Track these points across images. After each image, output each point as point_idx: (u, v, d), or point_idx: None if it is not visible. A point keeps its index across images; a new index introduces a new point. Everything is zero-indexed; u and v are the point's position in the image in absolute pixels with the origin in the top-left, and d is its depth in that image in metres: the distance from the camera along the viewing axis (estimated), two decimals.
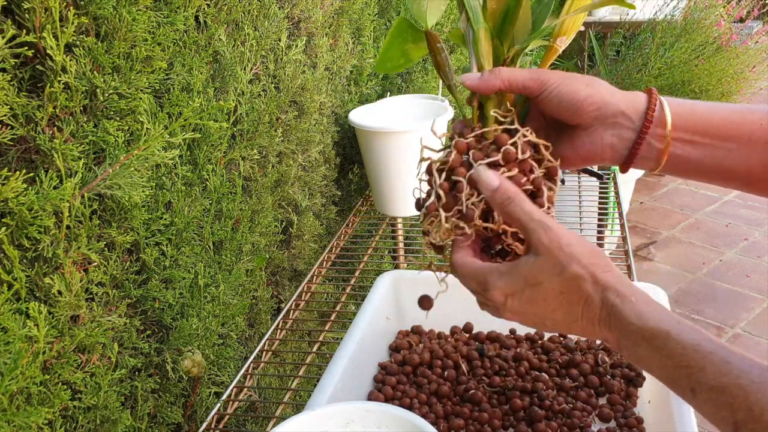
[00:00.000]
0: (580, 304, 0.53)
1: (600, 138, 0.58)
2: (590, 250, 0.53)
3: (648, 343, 0.50)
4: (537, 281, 0.53)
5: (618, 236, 1.36)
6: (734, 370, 0.46)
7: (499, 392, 0.84)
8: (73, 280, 0.74)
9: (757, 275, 2.69)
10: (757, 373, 0.46)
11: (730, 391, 0.46)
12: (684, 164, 0.58)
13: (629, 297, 0.51)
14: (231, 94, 1.04)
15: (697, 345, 0.48)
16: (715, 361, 0.47)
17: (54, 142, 0.70)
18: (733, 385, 0.46)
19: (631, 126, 0.57)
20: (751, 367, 0.46)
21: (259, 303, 1.20)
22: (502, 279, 0.54)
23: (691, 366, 0.48)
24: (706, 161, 0.57)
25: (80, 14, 0.72)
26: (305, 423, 0.66)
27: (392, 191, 1.41)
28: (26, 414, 0.66)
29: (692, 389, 0.48)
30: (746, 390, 0.45)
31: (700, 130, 0.57)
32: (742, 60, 2.76)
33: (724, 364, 0.47)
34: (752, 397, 0.45)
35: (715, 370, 0.47)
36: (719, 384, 0.46)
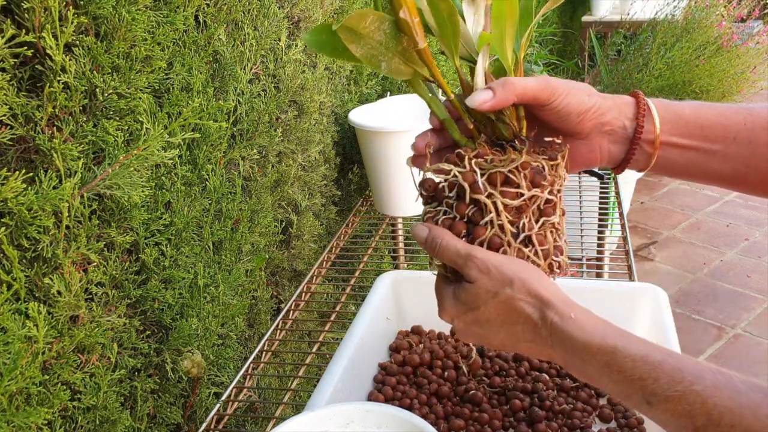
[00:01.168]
0: (519, 324, 0.53)
1: (598, 146, 0.59)
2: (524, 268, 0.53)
3: (596, 360, 0.49)
4: (475, 306, 0.54)
5: (618, 236, 1.36)
6: (687, 377, 0.46)
7: (499, 392, 0.84)
8: (72, 281, 0.74)
9: (758, 275, 2.69)
10: (710, 377, 0.45)
11: (686, 399, 0.45)
12: (672, 165, 0.59)
13: (568, 314, 0.51)
14: (231, 93, 1.04)
15: (645, 356, 0.48)
16: (667, 370, 0.46)
17: (53, 142, 0.70)
18: (689, 392, 0.45)
19: (625, 133, 0.59)
20: (703, 372, 0.46)
21: (259, 303, 1.19)
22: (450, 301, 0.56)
23: (643, 378, 0.47)
24: (694, 161, 0.59)
25: (80, 14, 0.72)
26: (305, 423, 0.66)
27: (392, 191, 1.41)
28: (26, 414, 0.66)
29: (648, 401, 0.47)
30: (702, 395, 0.45)
31: (686, 133, 0.58)
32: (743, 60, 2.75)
33: (677, 372, 0.46)
34: (709, 401, 0.44)
35: (669, 378, 0.46)
36: (674, 393, 0.46)
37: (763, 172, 0.57)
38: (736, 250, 2.88)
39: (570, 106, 0.57)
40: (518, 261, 0.54)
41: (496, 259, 0.53)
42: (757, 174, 0.57)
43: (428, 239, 0.56)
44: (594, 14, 3.79)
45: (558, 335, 0.51)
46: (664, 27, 2.79)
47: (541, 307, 0.52)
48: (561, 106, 0.57)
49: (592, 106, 0.57)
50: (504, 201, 0.54)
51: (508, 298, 0.52)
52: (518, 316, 0.53)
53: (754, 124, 0.57)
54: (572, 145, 0.59)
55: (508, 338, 0.54)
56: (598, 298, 0.91)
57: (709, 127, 0.58)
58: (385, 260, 1.62)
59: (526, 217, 0.55)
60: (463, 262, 0.54)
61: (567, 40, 4.25)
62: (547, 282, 0.53)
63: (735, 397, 0.44)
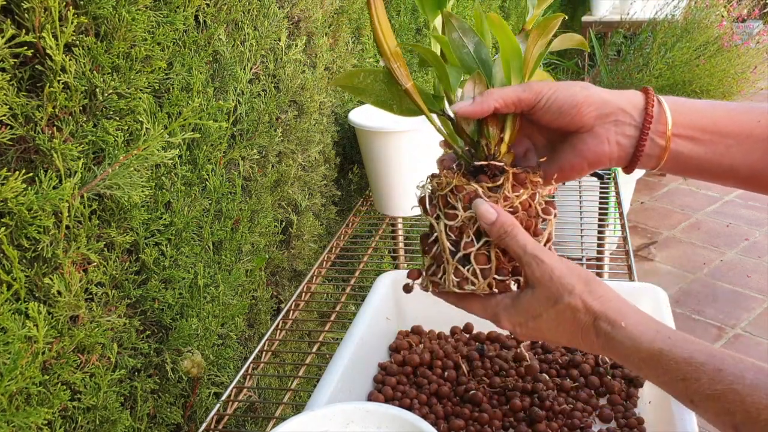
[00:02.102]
0: (578, 333, 0.56)
1: (606, 138, 0.58)
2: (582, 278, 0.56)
3: (645, 364, 0.53)
4: (537, 313, 0.57)
5: (619, 236, 1.36)
6: (728, 377, 0.48)
7: (499, 393, 0.84)
8: (72, 281, 0.74)
9: (758, 275, 2.69)
10: (750, 376, 0.48)
11: (726, 397, 0.48)
12: (685, 161, 0.58)
13: (619, 323, 0.54)
14: (231, 93, 1.04)
15: (689, 358, 0.50)
16: (708, 370, 0.49)
17: (53, 142, 0.70)
18: (729, 391, 0.48)
19: (633, 123, 0.57)
20: (743, 371, 0.48)
21: (259, 303, 1.19)
22: (507, 312, 0.58)
23: (686, 378, 0.50)
24: (707, 157, 0.57)
25: (80, 14, 0.72)
26: (305, 423, 0.66)
27: (392, 191, 1.41)
28: (25, 414, 0.66)
29: (691, 400, 0.50)
30: (741, 394, 0.47)
31: (699, 127, 0.57)
32: (743, 60, 2.75)
33: (717, 372, 0.49)
34: (748, 399, 0.47)
35: (709, 379, 0.49)
36: (715, 392, 0.48)
37: None
38: (736, 250, 2.88)
39: (559, 99, 0.57)
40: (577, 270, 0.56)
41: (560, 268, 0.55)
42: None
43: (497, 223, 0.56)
44: (594, 14, 3.79)
45: (611, 344, 0.54)
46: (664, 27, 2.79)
47: (594, 318, 0.55)
48: (550, 103, 0.57)
49: (587, 97, 0.57)
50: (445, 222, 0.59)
51: (566, 308, 0.55)
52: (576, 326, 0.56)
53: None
54: (579, 140, 0.58)
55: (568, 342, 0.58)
56: None
57: (722, 122, 0.57)
58: (385, 260, 1.62)
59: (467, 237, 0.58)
60: (528, 260, 0.56)
61: None
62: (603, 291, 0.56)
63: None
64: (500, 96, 0.57)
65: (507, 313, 0.58)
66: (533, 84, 0.58)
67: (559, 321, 0.56)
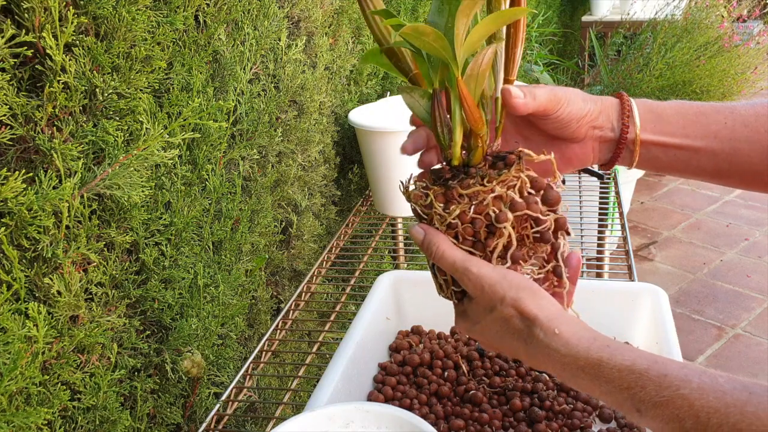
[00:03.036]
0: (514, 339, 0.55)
1: (591, 148, 0.62)
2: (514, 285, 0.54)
3: (584, 373, 0.50)
4: (477, 320, 0.56)
5: (618, 236, 1.36)
6: (674, 381, 0.46)
7: (499, 393, 0.84)
8: (72, 281, 0.74)
9: (758, 275, 2.69)
10: (696, 380, 0.46)
11: (674, 403, 0.46)
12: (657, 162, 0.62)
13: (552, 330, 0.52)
14: (231, 93, 1.04)
15: (631, 365, 0.48)
16: (653, 377, 0.47)
17: (53, 142, 0.70)
18: (676, 397, 0.46)
19: (613, 135, 0.61)
20: (689, 375, 0.46)
21: (259, 303, 1.19)
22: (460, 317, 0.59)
23: (630, 387, 0.48)
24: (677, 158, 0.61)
25: (80, 14, 0.72)
26: (305, 423, 0.66)
27: (392, 191, 1.41)
28: (25, 414, 0.66)
29: (637, 409, 0.48)
30: (689, 399, 0.45)
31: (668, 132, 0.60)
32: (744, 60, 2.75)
33: (663, 378, 0.47)
34: (696, 404, 0.45)
35: (655, 385, 0.47)
36: (662, 399, 0.46)
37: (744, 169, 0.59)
38: (736, 250, 2.88)
39: (571, 114, 0.59)
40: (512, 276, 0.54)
41: (490, 277, 0.54)
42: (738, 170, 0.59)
43: (425, 243, 0.57)
44: (594, 14, 3.80)
45: (546, 351, 0.52)
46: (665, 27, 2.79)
47: (528, 324, 0.53)
48: (563, 115, 0.59)
49: (588, 112, 0.60)
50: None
51: (500, 315, 0.54)
52: (512, 332, 0.54)
53: (734, 122, 0.59)
54: (568, 148, 0.61)
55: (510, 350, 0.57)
56: (598, 298, 0.91)
57: (691, 126, 0.60)
58: (385, 260, 1.62)
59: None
60: (459, 276, 0.56)
61: (567, 40, 4.25)
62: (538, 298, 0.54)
63: (721, 397, 0.45)
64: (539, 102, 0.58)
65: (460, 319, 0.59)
66: (557, 92, 0.58)
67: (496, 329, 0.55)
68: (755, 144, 0.58)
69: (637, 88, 2.73)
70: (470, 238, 0.56)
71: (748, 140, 0.59)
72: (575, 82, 3.51)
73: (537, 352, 0.53)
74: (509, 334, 0.55)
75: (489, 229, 0.55)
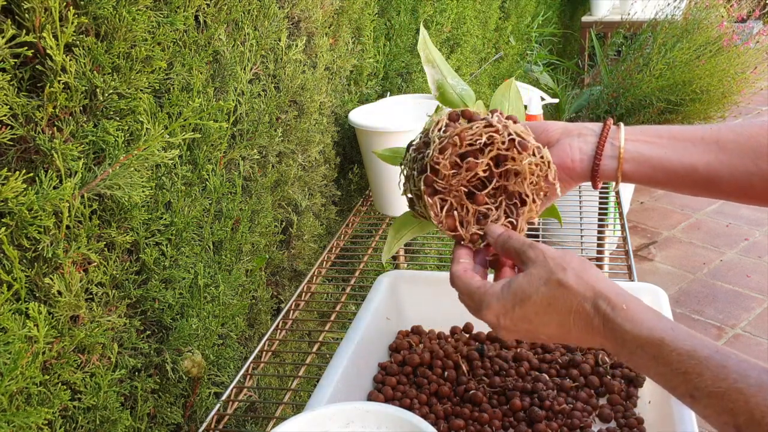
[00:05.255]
0: (570, 314, 0.54)
1: (568, 145, 0.65)
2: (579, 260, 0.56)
3: (643, 351, 0.51)
4: (526, 295, 0.56)
5: (618, 236, 1.36)
6: (732, 374, 0.46)
7: (499, 392, 0.84)
8: (72, 281, 0.74)
9: (758, 275, 2.69)
10: (755, 376, 0.46)
11: (730, 396, 0.46)
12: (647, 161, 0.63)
13: (620, 305, 0.52)
14: (231, 93, 1.04)
15: (692, 351, 0.49)
16: (712, 366, 0.47)
17: (54, 142, 0.70)
18: (732, 390, 0.46)
19: (593, 134, 0.65)
20: (748, 370, 0.46)
21: (259, 303, 1.19)
22: (494, 299, 0.58)
23: (688, 372, 0.48)
24: (668, 156, 0.62)
25: (80, 14, 0.72)
26: (305, 423, 0.66)
27: (392, 191, 1.41)
28: (26, 414, 0.66)
29: (691, 395, 0.48)
30: (745, 394, 0.45)
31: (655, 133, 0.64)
32: (743, 60, 2.75)
33: (721, 369, 0.47)
34: (752, 400, 0.45)
35: (713, 375, 0.47)
36: (718, 389, 0.46)
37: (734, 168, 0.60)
38: (736, 250, 2.88)
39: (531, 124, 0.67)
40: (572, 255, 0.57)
41: (552, 250, 0.56)
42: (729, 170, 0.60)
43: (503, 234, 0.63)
44: (594, 14, 3.80)
45: (610, 326, 0.52)
46: (665, 27, 2.79)
47: (594, 297, 0.53)
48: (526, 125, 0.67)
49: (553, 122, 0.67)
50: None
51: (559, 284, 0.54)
52: (569, 307, 0.54)
53: (719, 129, 0.61)
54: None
55: (557, 329, 0.56)
56: None
57: (676, 130, 0.63)
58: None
59: None
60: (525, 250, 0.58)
61: (567, 40, 4.25)
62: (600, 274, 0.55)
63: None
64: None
65: (494, 300, 0.58)
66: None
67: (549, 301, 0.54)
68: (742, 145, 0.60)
69: (637, 88, 2.74)
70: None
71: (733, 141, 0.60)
72: (575, 82, 3.51)
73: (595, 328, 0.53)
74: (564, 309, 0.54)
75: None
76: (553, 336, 0.57)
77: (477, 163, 0.62)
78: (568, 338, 0.56)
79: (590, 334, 0.54)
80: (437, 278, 0.98)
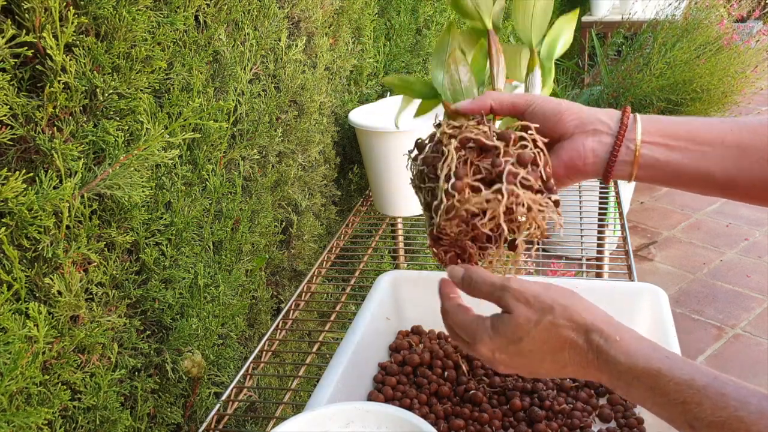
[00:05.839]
0: (564, 350, 0.54)
1: (582, 144, 0.62)
2: (562, 292, 0.55)
3: (640, 383, 0.50)
4: (517, 337, 0.55)
5: (618, 236, 1.36)
6: (732, 402, 0.46)
7: (499, 392, 0.84)
8: (72, 280, 0.74)
9: (758, 275, 2.69)
10: (755, 403, 0.45)
11: (730, 425, 0.45)
12: (662, 167, 0.60)
13: (613, 337, 0.52)
14: (231, 93, 1.04)
15: (690, 380, 0.48)
16: (711, 395, 0.47)
17: (54, 142, 0.70)
18: (733, 418, 0.45)
19: (609, 132, 0.61)
20: (747, 397, 0.46)
21: (259, 303, 1.19)
22: (487, 334, 0.57)
23: (686, 402, 0.48)
24: (684, 162, 0.59)
25: (80, 14, 0.72)
26: (305, 423, 0.66)
27: (392, 191, 1.41)
28: (26, 414, 0.66)
29: (691, 425, 0.48)
30: (746, 422, 0.45)
31: (672, 134, 0.60)
32: (743, 60, 2.75)
33: (721, 397, 0.46)
34: (753, 428, 0.45)
35: (712, 404, 0.46)
36: (718, 419, 0.46)
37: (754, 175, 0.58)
38: (736, 250, 2.88)
39: (546, 108, 0.62)
40: (555, 288, 0.55)
41: (533, 288, 0.55)
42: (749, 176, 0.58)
43: (464, 278, 0.60)
44: (594, 14, 3.79)
45: (604, 358, 0.52)
46: (665, 27, 2.79)
47: (585, 331, 0.53)
48: (537, 110, 0.62)
49: (568, 108, 0.62)
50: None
51: (550, 325, 0.53)
52: (563, 343, 0.54)
53: (741, 130, 0.59)
54: (559, 147, 0.63)
55: (553, 365, 0.56)
56: (598, 298, 0.90)
57: (696, 130, 0.60)
58: (385, 260, 1.62)
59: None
60: (500, 294, 0.56)
61: None
62: (587, 305, 0.54)
63: None
64: (497, 99, 0.64)
65: (487, 336, 0.57)
66: (528, 94, 0.65)
67: (543, 340, 0.54)
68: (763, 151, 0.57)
69: (637, 87, 2.73)
70: None
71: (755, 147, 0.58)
72: (575, 82, 3.51)
73: (590, 361, 0.53)
74: (557, 346, 0.54)
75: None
76: (550, 371, 0.56)
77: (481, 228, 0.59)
78: (564, 373, 0.56)
79: (586, 368, 0.54)
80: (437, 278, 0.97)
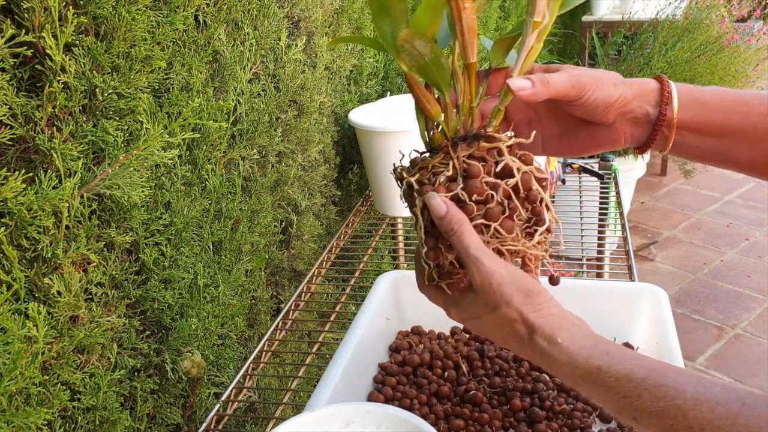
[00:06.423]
0: (515, 341, 0.55)
1: (622, 132, 0.61)
2: (522, 288, 0.53)
3: (584, 381, 0.51)
4: (477, 315, 0.56)
5: (619, 236, 1.36)
6: (669, 392, 0.47)
7: (499, 393, 0.84)
8: (72, 281, 0.74)
9: (758, 275, 2.69)
10: (691, 390, 0.47)
11: (668, 413, 0.47)
12: (690, 149, 0.61)
13: (555, 339, 0.53)
14: (230, 93, 1.04)
15: (629, 374, 0.49)
16: (649, 386, 0.48)
17: (53, 142, 0.70)
18: (671, 407, 0.47)
19: (647, 119, 0.60)
20: (684, 385, 0.47)
21: (259, 303, 1.19)
22: (454, 307, 0.58)
23: (627, 396, 0.49)
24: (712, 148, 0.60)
25: (79, 14, 0.72)
26: (305, 424, 0.66)
27: (392, 191, 1.40)
28: (25, 414, 0.66)
29: (634, 417, 0.49)
30: (683, 409, 0.46)
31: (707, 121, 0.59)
32: (744, 59, 2.75)
33: (659, 388, 0.48)
34: (690, 415, 0.46)
35: (651, 395, 0.48)
36: (657, 408, 0.47)
37: None
38: (737, 250, 2.88)
39: (597, 100, 0.58)
40: (522, 278, 0.54)
41: (500, 275, 0.53)
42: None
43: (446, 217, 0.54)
44: (594, 14, 3.79)
45: (548, 360, 0.53)
46: (665, 27, 2.79)
47: (530, 331, 0.53)
48: (589, 102, 0.58)
49: (618, 98, 0.58)
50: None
51: (503, 317, 0.54)
52: (515, 335, 0.54)
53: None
54: (596, 132, 0.61)
55: (512, 348, 0.57)
56: (598, 298, 0.91)
57: (732, 115, 0.59)
58: (385, 260, 1.62)
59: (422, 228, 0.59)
60: (469, 263, 0.53)
61: (567, 39, 4.25)
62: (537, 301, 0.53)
63: (714, 408, 0.45)
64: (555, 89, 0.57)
65: (454, 308, 0.58)
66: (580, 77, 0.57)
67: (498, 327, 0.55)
68: None
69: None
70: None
71: None
72: None
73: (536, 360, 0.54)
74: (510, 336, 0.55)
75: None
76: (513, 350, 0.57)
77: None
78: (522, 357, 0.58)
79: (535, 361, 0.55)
80: None
